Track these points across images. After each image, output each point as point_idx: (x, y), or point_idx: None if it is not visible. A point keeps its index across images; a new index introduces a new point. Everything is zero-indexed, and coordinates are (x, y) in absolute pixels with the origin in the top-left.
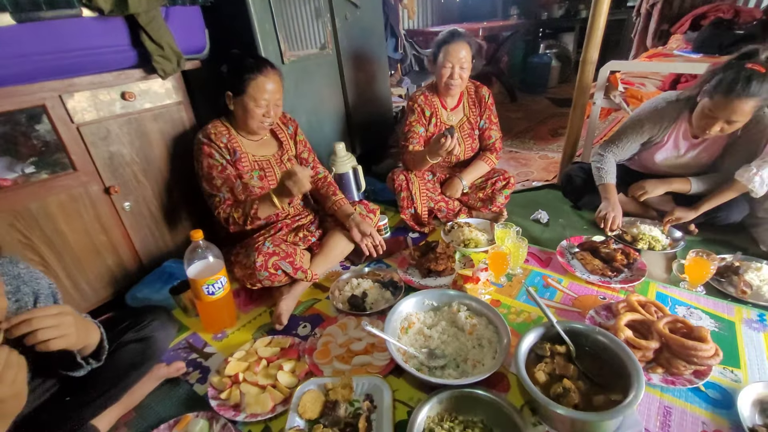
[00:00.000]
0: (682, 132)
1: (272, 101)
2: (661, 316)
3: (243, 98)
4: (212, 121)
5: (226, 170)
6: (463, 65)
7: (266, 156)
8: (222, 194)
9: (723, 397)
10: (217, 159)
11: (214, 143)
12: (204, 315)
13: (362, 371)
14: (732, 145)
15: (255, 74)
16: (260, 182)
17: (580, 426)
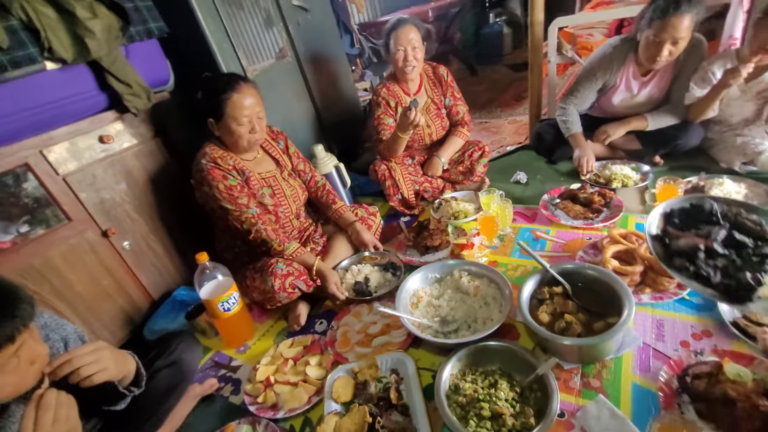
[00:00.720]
0: (632, 72)
1: (254, 115)
2: (641, 243)
3: (225, 121)
4: (206, 145)
5: (245, 188)
6: (415, 46)
7: (271, 172)
8: (253, 209)
9: (705, 302)
10: (233, 179)
11: (223, 166)
12: (224, 331)
13: (383, 350)
14: (677, 77)
15: (229, 93)
16: (272, 199)
17: (587, 350)
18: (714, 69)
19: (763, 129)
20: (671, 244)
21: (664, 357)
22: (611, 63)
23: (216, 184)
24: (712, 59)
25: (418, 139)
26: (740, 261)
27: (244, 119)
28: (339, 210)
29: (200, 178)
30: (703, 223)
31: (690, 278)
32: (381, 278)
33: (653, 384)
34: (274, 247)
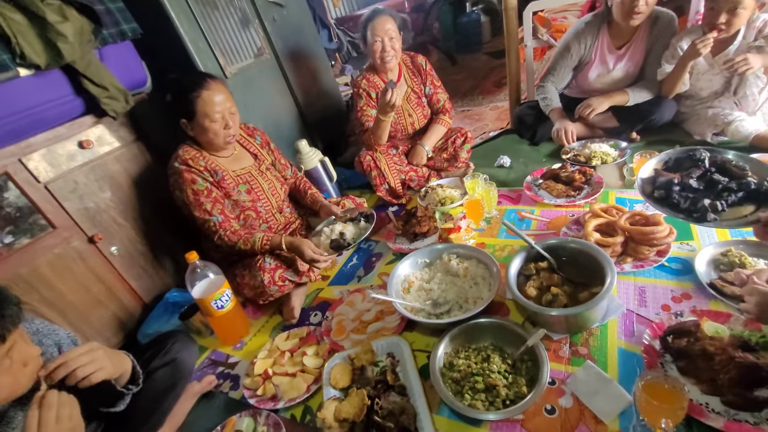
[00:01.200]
0: (606, 45)
1: (225, 111)
2: (621, 214)
3: (197, 119)
4: (180, 147)
5: (212, 192)
6: (392, 36)
7: (246, 168)
8: (216, 217)
9: (684, 267)
10: (200, 184)
11: (194, 168)
12: (219, 329)
13: (378, 336)
14: (650, 52)
15: (198, 91)
16: (248, 195)
17: (573, 320)
18: (683, 44)
19: (732, 100)
20: (656, 181)
21: (647, 321)
22: (585, 36)
23: (185, 188)
24: (680, 35)
25: (400, 128)
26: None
27: (217, 115)
28: (313, 194)
29: (173, 181)
30: (692, 166)
31: (663, 205)
32: (355, 229)
33: (637, 347)
34: (240, 248)
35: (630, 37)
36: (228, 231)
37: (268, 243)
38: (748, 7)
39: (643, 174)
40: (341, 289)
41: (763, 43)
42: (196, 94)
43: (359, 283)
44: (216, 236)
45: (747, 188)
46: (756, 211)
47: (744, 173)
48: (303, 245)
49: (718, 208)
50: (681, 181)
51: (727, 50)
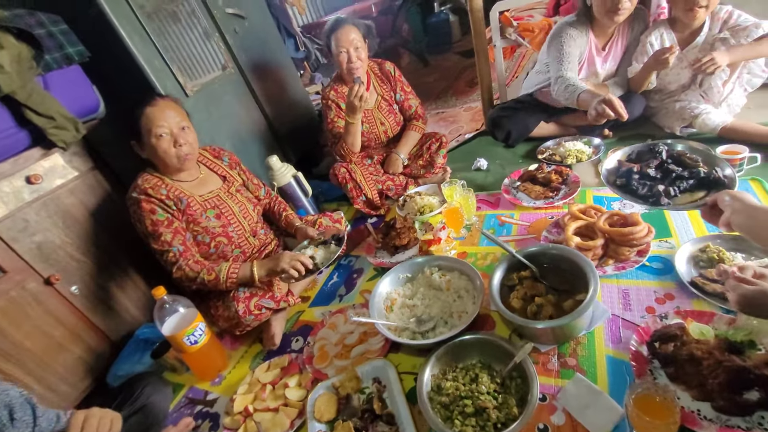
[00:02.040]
0: (594, 47)
1: (173, 126)
2: (599, 216)
3: (144, 139)
4: (139, 175)
5: (173, 223)
6: (357, 46)
7: (213, 191)
8: (176, 248)
9: (664, 265)
10: (161, 214)
11: (154, 197)
12: (194, 366)
13: (363, 360)
14: (628, 48)
15: (141, 109)
16: (218, 221)
17: (560, 331)
18: (652, 40)
19: (698, 92)
20: (618, 171)
21: (633, 325)
22: (579, 36)
23: (143, 219)
24: (647, 31)
25: (373, 137)
26: (663, 180)
27: (162, 131)
28: (288, 216)
29: (132, 212)
30: (651, 158)
31: (623, 192)
32: (325, 252)
33: (625, 354)
34: (204, 279)
35: (611, 36)
36: (190, 260)
37: (235, 274)
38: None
39: (608, 165)
40: (323, 311)
41: (727, 35)
42: (139, 113)
43: (341, 303)
44: (175, 268)
45: (697, 176)
46: (705, 196)
47: (696, 164)
48: (275, 263)
49: (671, 193)
50: (640, 170)
51: (694, 42)
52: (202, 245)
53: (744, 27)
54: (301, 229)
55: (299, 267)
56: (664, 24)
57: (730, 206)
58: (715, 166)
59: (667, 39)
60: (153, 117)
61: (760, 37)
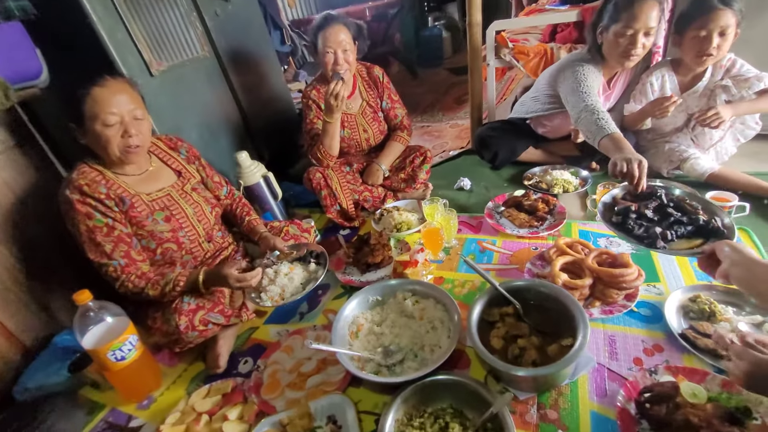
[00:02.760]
0: (602, 86)
1: (125, 114)
2: (587, 253)
3: (87, 124)
4: (76, 167)
5: (114, 230)
6: (346, 48)
7: (164, 189)
8: (116, 262)
9: (653, 313)
10: (98, 219)
11: (91, 197)
12: (119, 385)
13: (319, 392)
14: (629, 86)
15: (88, 89)
16: (168, 224)
17: (542, 379)
18: (652, 80)
19: (689, 136)
20: (615, 208)
21: (620, 378)
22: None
23: (77, 224)
24: (649, 70)
25: (354, 144)
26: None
27: (111, 118)
28: (252, 221)
29: (64, 213)
30: (650, 199)
31: (619, 230)
32: (303, 272)
33: (611, 410)
34: (149, 294)
35: (615, 72)
36: (133, 276)
37: (182, 281)
38: (734, 31)
39: (605, 200)
40: (279, 329)
41: (729, 83)
42: (85, 93)
43: (301, 322)
44: (118, 283)
45: (696, 223)
46: (702, 244)
47: (696, 211)
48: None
49: (668, 237)
50: (638, 210)
51: (695, 87)
52: (146, 251)
53: (746, 78)
54: (267, 238)
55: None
56: (667, 65)
57: (729, 258)
58: (714, 215)
59: (668, 81)
60: (101, 100)
61: (763, 91)
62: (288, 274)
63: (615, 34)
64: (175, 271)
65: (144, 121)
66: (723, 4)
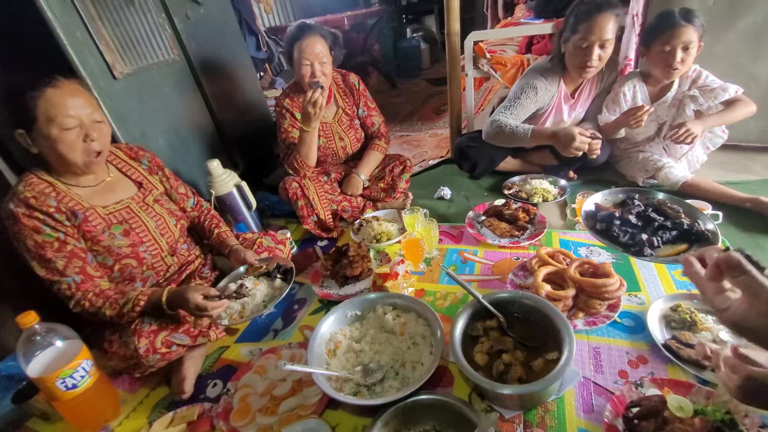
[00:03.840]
0: (563, 95)
1: (82, 117)
2: (569, 263)
3: (40, 128)
4: (23, 178)
5: (66, 245)
6: (323, 60)
7: (122, 202)
8: (71, 278)
9: (636, 323)
10: (48, 234)
11: (38, 211)
12: (71, 416)
13: (294, 417)
14: (597, 96)
15: (40, 89)
16: (127, 239)
17: (528, 397)
18: (624, 90)
19: (661, 145)
20: (597, 215)
21: (606, 392)
22: (551, 81)
23: (23, 239)
24: (620, 81)
25: (331, 153)
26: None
27: (70, 121)
28: (221, 234)
29: (7, 228)
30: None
31: (604, 237)
32: (267, 288)
33: (598, 427)
34: (106, 314)
35: (581, 83)
36: (90, 293)
37: (143, 300)
38: (697, 45)
39: (586, 207)
40: (252, 348)
41: (696, 93)
42: (38, 93)
43: (275, 339)
44: (72, 302)
45: (680, 228)
46: (688, 249)
47: (678, 214)
48: (187, 295)
49: (654, 243)
50: (621, 215)
51: (664, 98)
52: (103, 267)
53: (712, 88)
54: (237, 251)
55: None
56: (638, 76)
57: None
58: (696, 219)
59: (639, 91)
60: (57, 103)
61: (729, 101)
62: (251, 289)
63: (573, 45)
64: (136, 289)
65: (104, 125)
66: (685, 21)
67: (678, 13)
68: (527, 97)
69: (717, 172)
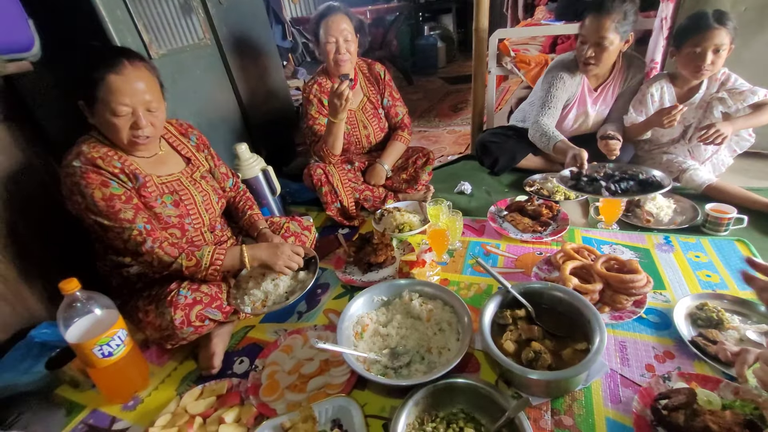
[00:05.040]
0: (587, 88)
1: (139, 105)
2: (595, 258)
3: (98, 108)
4: (83, 141)
5: (132, 199)
6: (347, 38)
7: (173, 175)
8: (140, 225)
9: (661, 320)
10: (116, 187)
11: (105, 170)
12: (104, 384)
13: (322, 395)
14: (621, 94)
15: (103, 73)
16: (176, 209)
17: (556, 384)
18: (652, 91)
19: (686, 148)
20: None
21: (633, 384)
22: (572, 73)
23: (91, 193)
24: (648, 82)
25: (354, 141)
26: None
27: (123, 109)
28: (253, 216)
29: (71, 184)
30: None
31: (573, 188)
32: (291, 280)
33: (627, 417)
34: (182, 265)
35: (606, 78)
36: (164, 242)
37: (221, 260)
38: (728, 48)
39: (563, 174)
40: (277, 328)
41: (725, 95)
42: (100, 77)
43: (300, 321)
44: (145, 248)
45: (636, 179)
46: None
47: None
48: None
49: (612, 188)
50: (589, 174)
51: (691, 99)
52: None
53: (740, 91)
54: (265, 236)
55: (293, 267)
56: (666, 77)
57: None
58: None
59: (667, 93)
60: (116, 89)
61: (757, 105)
62: (274, 279)
63: (579, 42)
64: (207, 248)
65: (159, 112)
66: (718, 23)
67: (711, 15)
68: (557, 88)
69: (739, 178)
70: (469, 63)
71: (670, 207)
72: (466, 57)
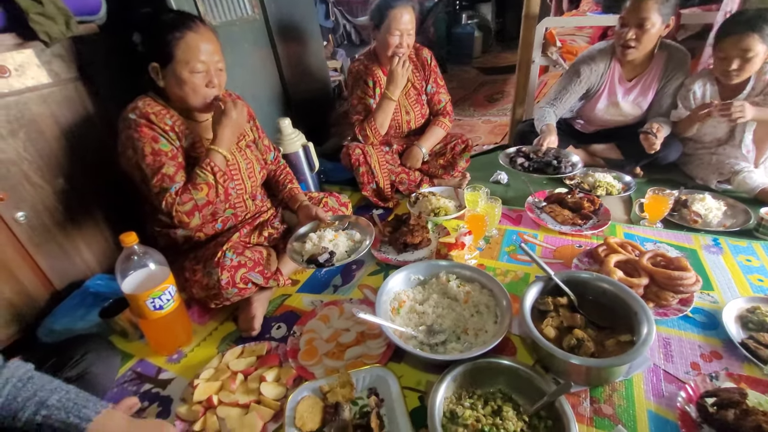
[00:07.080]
0: (617, 76)
1: (212, 64)
2: (639, 254)
3: (173, 67)
4: (138, 99)
5: (178, 156)
6: (410, 32)
7: None
8: (174, 186)
9: (709, 320)
10: (165, 144)
11: (157, 126)
12: (152, 335)
13: (359, 364)
14: (662, 88)
15: (182, 31)
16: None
17: (596, 372)
18: (694, 88)
19: (738, 149)
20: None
21: (676, 380)
22: (596, 64)
23: (140, 145)
24: (692, 77)
25: (395, 125)
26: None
27: (200, 66)
28: (293, 189)
29: (125, 137)
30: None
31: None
32: (348, 241)
33: (670, 412)
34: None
35: (642, 71)
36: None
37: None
38: (760, 53)
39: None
40: (313, 299)
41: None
42: (179, 35)
43: (335, 294)
44: (172, 207)
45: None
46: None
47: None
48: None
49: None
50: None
51: (736, 98)
52: None
53: None
54: (308, 207)
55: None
56: (709, 75)
57: None
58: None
59: (709, 90)
60: (194, 47)
61: None
62: (333, 240)
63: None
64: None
65: (223, 74)
66: (749, 29)
67: (744, 19)
68: (571, 84)
69: None
70: (505, 54)
71: (720, 209)
72: (502, 47)
